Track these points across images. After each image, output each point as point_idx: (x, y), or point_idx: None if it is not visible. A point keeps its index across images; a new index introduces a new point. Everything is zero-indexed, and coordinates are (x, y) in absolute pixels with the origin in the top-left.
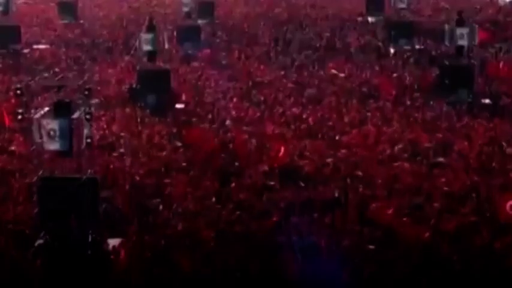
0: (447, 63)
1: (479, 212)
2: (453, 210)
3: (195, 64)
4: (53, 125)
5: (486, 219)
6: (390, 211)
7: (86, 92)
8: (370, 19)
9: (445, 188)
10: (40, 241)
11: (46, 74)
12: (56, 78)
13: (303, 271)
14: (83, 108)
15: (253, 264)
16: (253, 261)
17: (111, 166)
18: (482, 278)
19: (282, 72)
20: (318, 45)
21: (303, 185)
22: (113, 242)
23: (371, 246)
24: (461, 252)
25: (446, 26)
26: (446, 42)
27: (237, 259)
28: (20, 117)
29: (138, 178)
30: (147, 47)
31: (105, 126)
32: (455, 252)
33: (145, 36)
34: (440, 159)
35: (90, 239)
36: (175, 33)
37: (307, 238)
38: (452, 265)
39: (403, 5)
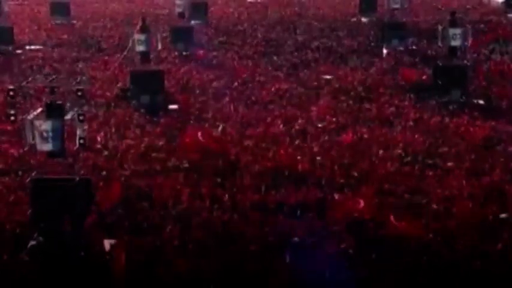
0: (440, 63)
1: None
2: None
3: (189, 64)
4: (45, 126)
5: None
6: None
7: (79, 93)
8: (363, 19)
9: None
10: (33, 242)
11: (39, 75)
12: (49, 80)
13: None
14: (75, 109)
15: (248, 265)
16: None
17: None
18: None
19: (275, 73)
20: (311, 45)
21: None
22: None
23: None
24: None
25: (439, 27)
26: (439, 43)
27: (231, 260)
28: (12, 118)
29: (131, 179)
30: (140, 48)
31: (97, 127)
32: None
33: (139, 36)
34: (434, 160)
35: (83, 240)
36: (168, 34)
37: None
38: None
39: (396, 6)
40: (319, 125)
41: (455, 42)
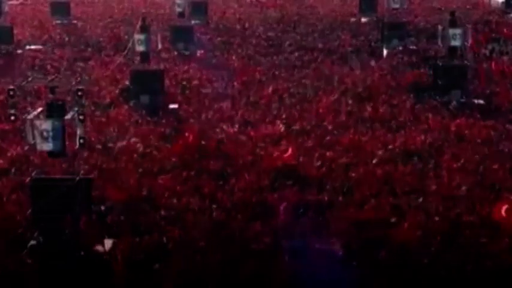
0: (440, 63)
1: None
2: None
3: (188, 64)
4: (46, 125)
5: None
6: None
7: (79, 93)
8: (363, 19)
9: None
10: (33, 242)
11: (39, 75)
12: (49, 79)
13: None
14: (76, 109)
15: (247, 266)
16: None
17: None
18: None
19: (275, 73)
20: (311, 45)
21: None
22: (108, 242)
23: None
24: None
25: (439, 27)
26: (439, 43)
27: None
28: (12, 118)
29: (131, 179)
30: (140, 48)
31: (97, 127)
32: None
33: (139, 36)
34: (434, 160)
35: (83, 240)
36: (168, 34)
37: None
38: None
39: (396, 6)
40: (319, 125)
41: (455, 42)
